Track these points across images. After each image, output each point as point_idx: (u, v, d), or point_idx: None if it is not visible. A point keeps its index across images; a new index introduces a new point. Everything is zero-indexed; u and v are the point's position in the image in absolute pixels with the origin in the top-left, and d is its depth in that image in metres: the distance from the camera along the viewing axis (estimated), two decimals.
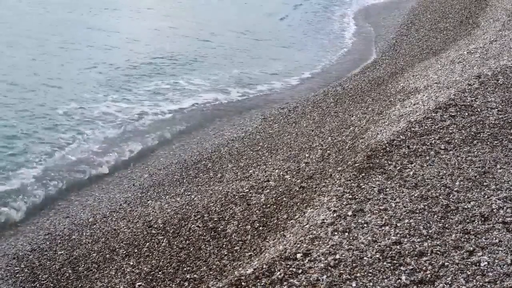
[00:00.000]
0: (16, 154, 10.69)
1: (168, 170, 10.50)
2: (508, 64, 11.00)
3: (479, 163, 7.12)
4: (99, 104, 13.48)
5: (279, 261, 5.30)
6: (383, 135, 8.26)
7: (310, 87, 15.83)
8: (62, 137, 11.64)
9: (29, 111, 12.69)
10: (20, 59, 15.98)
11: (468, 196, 6.35)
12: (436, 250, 5.37)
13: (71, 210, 9.32)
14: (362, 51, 19.27)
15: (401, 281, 4.96)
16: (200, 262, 6.69)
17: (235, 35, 20.53)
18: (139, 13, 22.92)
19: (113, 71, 15.85)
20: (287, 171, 8.61)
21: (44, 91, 13.89)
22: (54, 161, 10.65)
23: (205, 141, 12.07)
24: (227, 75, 16.34)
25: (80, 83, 14.75)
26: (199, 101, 14.38)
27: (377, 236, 5.58)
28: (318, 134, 10.44)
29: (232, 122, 13.27)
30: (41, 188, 9.75)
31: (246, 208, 7.65)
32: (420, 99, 9.90)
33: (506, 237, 5.56)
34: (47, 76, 14.87)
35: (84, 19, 20.95)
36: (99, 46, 17.85)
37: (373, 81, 13.97)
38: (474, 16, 18.92)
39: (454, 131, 8.03)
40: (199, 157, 10.84)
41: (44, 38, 18.14)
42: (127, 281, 6.76)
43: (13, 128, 11.76)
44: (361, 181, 6.71)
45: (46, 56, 16.54)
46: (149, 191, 9.59)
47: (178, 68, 16.53)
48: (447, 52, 14.51)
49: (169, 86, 15.11)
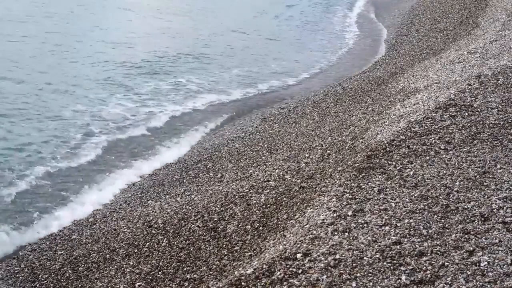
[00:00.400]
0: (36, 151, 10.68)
1: (168, 170, 10.51)
2: (508, 64, 10.99)
3: (479, 163, 7.12)
4: (105, 106, 13.43)
5: (279, 261, 5.30)
6: (383, 135, 8.26)
7: (310, 86, 15.83)
8: (71, 137, 11.59)
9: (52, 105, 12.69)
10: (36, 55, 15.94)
11: (468, 196, 6.35)
12: (436, 250, 5.37)
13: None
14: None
15: (401, 281, 4.95)
16: (200, 262, 6.69)
17: (235, 35, 20.52)
18: (150, 11, 22.93)
19: (114, 69, 15.83)
20: (287, 171, 8.61)
21: (59, 92, 13.90)
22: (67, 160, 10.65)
23: (205, 141, 12.08)
24: (227, 75, 16.33)
25: (89, 80, 14.71)
26: (200, 101, 14.38)
27: (377, 236, 5.58)
28: (318, 134, 10.44)
29: (232, 122, 13.28)
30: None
31: (246, 208, 7.65)
32: (420, 99, 9.90)
33: (506, 237, 5.56)
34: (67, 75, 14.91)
35: (96, 18, 20.97)
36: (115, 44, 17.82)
37: (373, 81, 13.96)
38: (474, 16, 18.91)
39: (454, 131, 8.03)
40: (199, 157, 10.85)
41: (53, 35, 18.13)
42: (127, 281, 6.76)
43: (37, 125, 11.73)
44: (361, 181, 6.71)
45: (57, 53, 16.55)
46: (149, 191, 9.60)
47: (179, 67, 16.49)
48: (447, 52, 14.51)
49: (170, 86, 15.09)
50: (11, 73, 14.67)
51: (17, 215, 8.85)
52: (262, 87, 15.67)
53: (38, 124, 11.96)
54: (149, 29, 20.75)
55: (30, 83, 14.17)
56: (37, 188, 9.66)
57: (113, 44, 18.14)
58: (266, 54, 18.67)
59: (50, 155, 10.70)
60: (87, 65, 16.04)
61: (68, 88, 14.10)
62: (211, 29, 20.96)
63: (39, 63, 15.72)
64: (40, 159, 10.45)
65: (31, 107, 12.78)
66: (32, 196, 9.40)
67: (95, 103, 13.52)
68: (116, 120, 12.71)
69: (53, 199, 9.43)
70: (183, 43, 18.92)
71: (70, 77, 14.87)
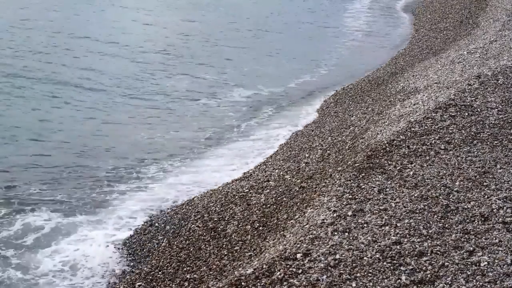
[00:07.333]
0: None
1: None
2: (508, 64, 11.00)
3: (479, 163, 7.12)
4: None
5: (279, 261, 5.30)
6: (383, 135, 8.26)
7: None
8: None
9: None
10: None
11: (468, 196, 6.35)
12: (436, 250, 5.37)
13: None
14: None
15: (401, 281, 4.96)
16: (200, 262, 6.68)
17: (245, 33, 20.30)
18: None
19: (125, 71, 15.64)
20: (287, 171, 8.61)
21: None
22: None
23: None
24: (232, 73, 16.13)
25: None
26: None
27: (377, 236, 5.58)
28: (318, 134, 10.43)
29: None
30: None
31: (246, 208, 7.65)
32: (420, 99, 9.91)
33: (506, 237, 5.56)
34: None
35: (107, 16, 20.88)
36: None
37: (373, 81, 13.96)
38: (474, 16, 18.92)
39: (454, 131, 8.03)
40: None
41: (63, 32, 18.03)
42: (127, 281, 6.76)
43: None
44: (361, 181, 6.71)
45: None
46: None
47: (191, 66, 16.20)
48: (447, 52, 14.51)
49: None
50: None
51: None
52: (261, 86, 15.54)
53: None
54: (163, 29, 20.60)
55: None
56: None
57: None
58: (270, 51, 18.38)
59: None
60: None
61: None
62: (219, 28, 20.59)
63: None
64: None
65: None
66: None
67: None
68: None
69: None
70: (194, 42, 18.73)
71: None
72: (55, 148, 10.51)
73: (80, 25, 19.25)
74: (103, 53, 16.43)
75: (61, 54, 15.81)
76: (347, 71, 16.24)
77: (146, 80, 14.59)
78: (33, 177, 9.38)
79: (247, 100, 13.73)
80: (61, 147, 10.54)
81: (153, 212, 8.51)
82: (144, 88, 13.97)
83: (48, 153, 10.30)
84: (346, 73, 16.05)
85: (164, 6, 23.46)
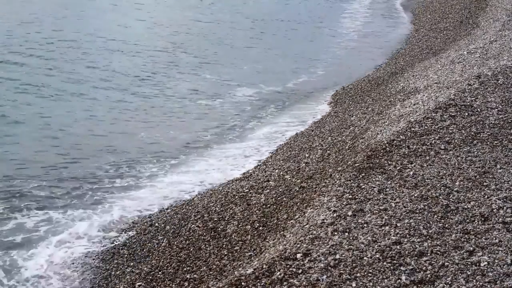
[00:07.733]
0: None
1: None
2: (508, 64, 11.00)
3: (479, 163, 7.13)
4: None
5: (279, 261, 5.30)
6: (383, 135, 8.26)
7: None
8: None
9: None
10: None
11: (468, 196, 6.35)
12: (436, 250, 5.37)
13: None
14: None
15: (401, 281, 4.96)
16: (200, 262, 6.69)
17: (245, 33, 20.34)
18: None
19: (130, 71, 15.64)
20: (287, 171, 8.61)
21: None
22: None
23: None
24: (236, 72, 16.13)
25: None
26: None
27: (377, 236, 5.58)
28: (318, 134, 10.44)
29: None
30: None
31: (246, 208, 7.65)
32: (420, 99, 9.91)
33: (506, 237, 5.56)
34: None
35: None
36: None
37: (373, 81, 13.96)
38: (474, 16, 18.93)
39: (454, 131, 8.03)
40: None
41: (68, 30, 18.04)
42: (127, 281, 6.76)
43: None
44: (361, 181, 6.71)
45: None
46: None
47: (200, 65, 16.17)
48: (447, 52, 14.52)
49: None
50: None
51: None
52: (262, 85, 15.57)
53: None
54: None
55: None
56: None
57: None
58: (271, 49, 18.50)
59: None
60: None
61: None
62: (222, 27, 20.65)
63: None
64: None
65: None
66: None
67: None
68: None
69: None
70: (201, 42, 18.80)
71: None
72: (54, 146, 10.49)
73: (82, 23, 19.26)
74: (104, 51, 16.44)
75: (61, 52, 15.80)
76: (350, 71, 16.32)
77: (148, 79, 14.59)
78: (31, 175, 9.37)
79: (247, 100, 13.74)
80: (60, 145, 10.52)
81: (153, 212, 8.53)
82: (146, 87, 13.97)
83: (47, 152, 10.27)
84: (350, 72, 16.13)
85: (164, 6, 23.52)
